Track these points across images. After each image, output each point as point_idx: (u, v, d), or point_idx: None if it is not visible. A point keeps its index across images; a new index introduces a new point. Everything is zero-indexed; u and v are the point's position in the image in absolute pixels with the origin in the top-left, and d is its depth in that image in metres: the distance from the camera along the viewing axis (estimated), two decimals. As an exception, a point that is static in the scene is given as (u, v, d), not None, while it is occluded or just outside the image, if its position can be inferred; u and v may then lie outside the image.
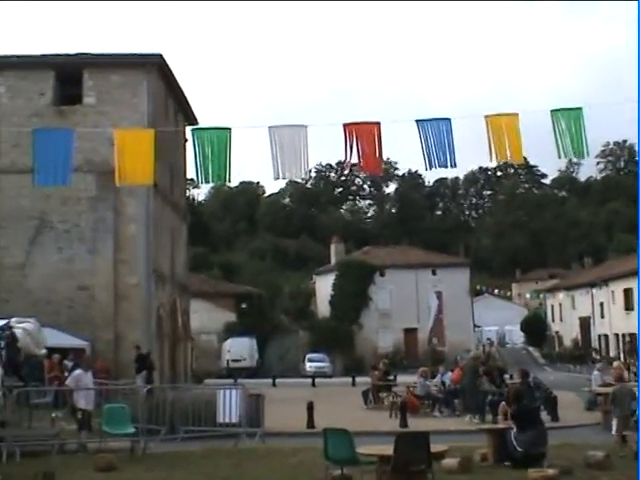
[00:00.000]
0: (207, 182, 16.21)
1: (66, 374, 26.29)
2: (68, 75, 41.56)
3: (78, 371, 22.30)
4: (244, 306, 75.35)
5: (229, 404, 23.46)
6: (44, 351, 22.80)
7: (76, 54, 41.96)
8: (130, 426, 20.18)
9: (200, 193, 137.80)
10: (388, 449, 13.72)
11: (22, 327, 20.41)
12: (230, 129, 15.76)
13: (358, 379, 49.37)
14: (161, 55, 41.62)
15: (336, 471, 14.77)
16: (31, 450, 19.63)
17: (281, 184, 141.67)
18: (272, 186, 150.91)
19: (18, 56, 42.03)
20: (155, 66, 41.79)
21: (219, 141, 15.49)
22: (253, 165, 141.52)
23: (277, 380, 52.77)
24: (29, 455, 19.16)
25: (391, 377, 37.61)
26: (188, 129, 44.12)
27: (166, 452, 20.22)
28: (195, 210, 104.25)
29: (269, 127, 15.78)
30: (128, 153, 15.41)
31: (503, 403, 21.17)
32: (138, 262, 40.04)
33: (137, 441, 20.23)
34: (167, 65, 42.46)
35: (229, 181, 16.21)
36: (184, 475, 16.64)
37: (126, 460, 18.67)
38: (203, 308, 69.27)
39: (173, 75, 44.01)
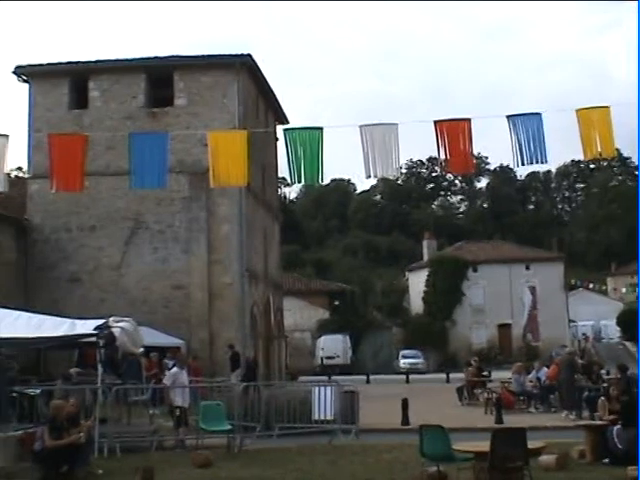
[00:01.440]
0: (300, 182, 16.33)
1: (167, 372, 26.66)
2: (159, 78, 42.16)
3: (175, 369, 22.65)
4: (337, 303, 75.46)
5: (324, 401, 23.54)
6: (141, 350, 23.12)
7: (167, 57, 42.50)
8: (226, 423, 20.38)
9: (292, 191, 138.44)
10: (484, 446, 13.61)
11: (120, 326, 20.72)
12: (322, 129, 15.82)
13: (452, 375, 49.11)
14: (250, 55, 41.90)
15: (432, 468, 14.73)
16: (130, 446, 19.96)
17: (372, 181, 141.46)
18: (363, 183, 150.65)
19: (111, 60, 42.76)
20: (245, 66, 42.09)
21: (311, 141, 15.56)
22: (344, 162, 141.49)
23: (371, 377, 52.76)
24: (128, 451, 19.48)
25: (485, 373, 37.36)
26: (279, 128, 44.43)
27: (261, 449, 20.36)
28: (287, 208, 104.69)
29: (360, 126, 15.80)
30: (222, 155, 15.56)
31: (602, 398, 20.87)
32: (232, 261, 40.41)
33: (233, 438, 20.41)
34: (256, 65, 42.73)
35: (322, 181, 16.26)
36: (280, 472, 16.72)
37: (222, 457, 18.86)
38: (296, 306, 69.57)
39: (262, 75, 44.26)
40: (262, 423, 22.47)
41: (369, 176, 15.80)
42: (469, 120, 15.87)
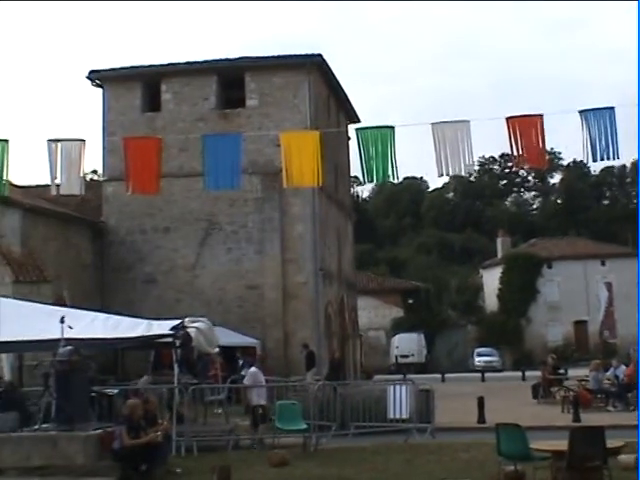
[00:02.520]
0: (372, 181, 16.31)
1: (243, 372, 26.80)
2: (230, 79, 42.47)
3: (254, 369, 22.80)
4: (411, 301, 75.34)
5: (399, 400, 23.49)
6: (217, 350, 23.33)
7: (237, 58, 42.76)
8: (302, 422, 20.45)
9: (364, 190, 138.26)
10: (562, 444, 13.43)
11: (195, 326, 20.92)
12: (393, 127, 15.78)
13: (528, 373, 48.70)
14: (320, 55, 41.98)
15: (509, 467, 14.62)
16: (207, 445, 20.13)
17: (445, 179, 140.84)
18: (436, 181, 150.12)
19: (182, 63, 43.15)
20: (315, 66, 42.20)
21: (383, 140, 15.54)
22: (416, 160, 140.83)
23: (446, 375, 52.58)
24: (205, 450, 19.65)
25: (562, 371, 36.99)
26: (350, 128, 44.48)
27: (337, 448, 20.39)
28: (360, 207, 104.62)
29: (432, 124, 15.72)
30: (295, 155, 15.60)
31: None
32: (305, 261, 40.55)
33: (309, 437, 20.47)
34: (327, 64, 42.80)
35: (395, 179, 16.22)
36: (356, 471, 16.73)
37: (298, 456, 18.92)
38: (370, 305, 69.65)
39: (333, 74, 44.33)
40: (337, 422, 22.51)
41: (442, 174, 15.74)
42: (541, 116, 15.72)
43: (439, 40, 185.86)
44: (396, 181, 19.89)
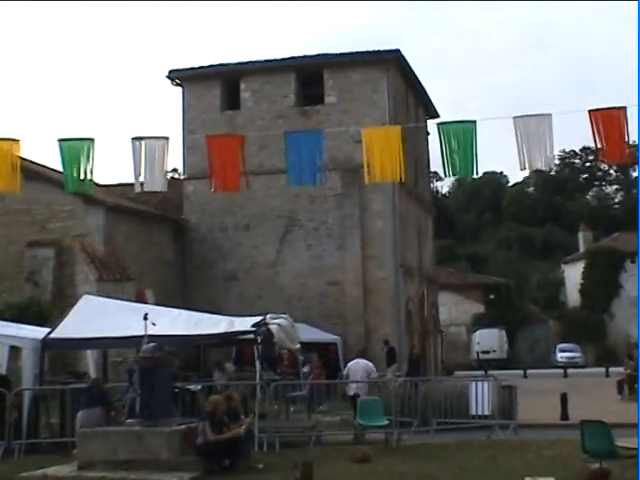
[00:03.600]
0: (454, 175, 16.24)
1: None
2: (309, 76, 42.59)
3: (354, 361, 22.98)
4: (492, 297, 74.81)
5: (481, 396, 23.36)
6: (298, 346, 23.44)
7: (316, 55, 42.88)
8: (383, 418, 20.44)
9: (444, 185, 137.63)
10: (649, 442, 13.28)
11: (277, 323, 21.05)
12: (475, 122, 15.70)
13: (611, 369, 48.06)
14: (399, 50, 41.89)
15: (594, 464, 14.43)
16: (289, 441, 20.23)
17: (525, 173, 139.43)
18: (516, 175, 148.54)
19: (260, 61, 43.38)
20: (393, 61, 42.13)
21: (465, 134, 15.46)
22: (496, 155, 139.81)
23: (528, 371, 52.12)
24: (287, 446, 19.75)
25: (647, 367, 36.44)
26: (432, 123, 44.30)
27: (419, 444, 20.34)
28: (440, 203, 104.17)
29: (514, 117, 15.62)
30: (376, 151, 15.60)
31: None
32: (386, 257, 40.50)
33: (391, 433, 20.46)
34: (405, 60, 42.70)
35: (476, 173, 16.13)
36: (438, 467, 16.67)
37: (380, 452, 18.91)
38: (451, 300, 69.34)
39: (411, 69, 44.21)
40: (419, 418, 22.46)
41: (523, 168, 15.62)
42: (624, 108, 15.51)
43: (518, 33, 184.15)
44: (477, 176, 19.79)
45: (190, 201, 42.58)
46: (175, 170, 70.73)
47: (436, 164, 55.19)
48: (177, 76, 43.79)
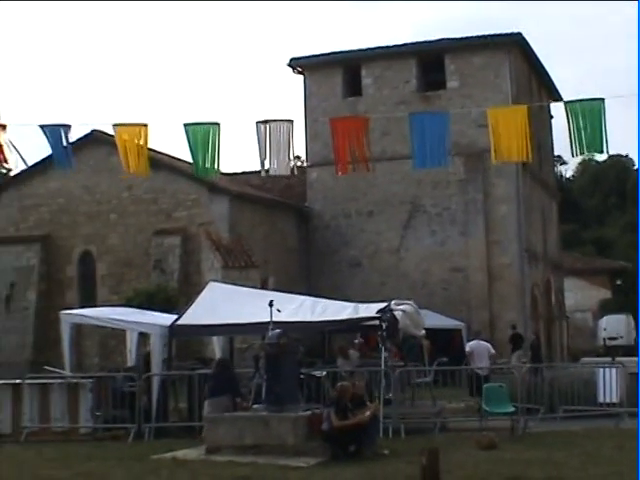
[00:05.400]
0: (582, 154, 15.83)
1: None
2: (430, 61, 42.40)
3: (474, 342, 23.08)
4: (619, 282, 73.31)
5: (609, 383, 22.92)
6: (423, 332, 23.36)
7: (437, 40, 42.62)
8: (509, 405, 20.25)
9: (568, 169, 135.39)
10: None
11: (402, 309, 20.99)
12: (603, 99, 15.36)
13: None
14: (520, 33, 41.38)
15: None
16: (414, 427, 20.20)
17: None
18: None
19: (381, 47, 43.31)
20: (515, 45, 41.69)
21: (592, 112, 15.14)
22: (621, 137, 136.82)
23: (657, 358, 50.99)
24: (412, 432, 19.72)
25: None
26: (555, 106, 43.61)
27: (545, 431, 20.06)
28: (564, 187, 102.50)
29: (640, 97, 15.28)
30: (502, 131, 15.39)
31: None
32: (510, 242, 40.14)
33: (517, 420, 20.26)
34: (527, 42, 42.16)
35: (606, 152, 15.78)
36: (565, 455, 16.41)
37: (506, 439, 18.71)
38: (576, 286, 68.11)
39: (534, 52, 43.60)
40: (545, 405, 22.17)
41: (647, 150, 15.25)
42: None
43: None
44: (605, 156, 19.43)
45: (313, 188, 42.85)
46: (298, 158, 71.21)
47: (559, 148, 54.47)
48: (298, 64, 44.05)
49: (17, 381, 21.35)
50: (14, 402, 20.74)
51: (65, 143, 16.44)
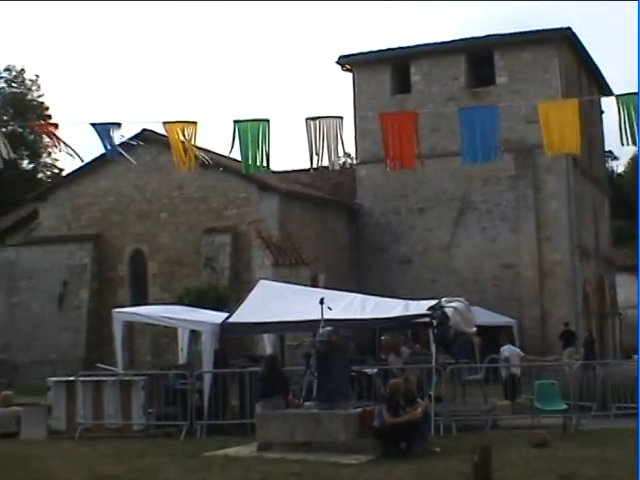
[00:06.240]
0: (634, 143, 15.62)
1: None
2: (479, 57, 42.24)
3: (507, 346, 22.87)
4: (672, 279, 72.59)
5: (662, 380, 22.69)
6: (474, 329, 23.28)
7: (485, 36, 42.42)
8: (561, 402, 20.12)
9: (619, 165, 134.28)
10: None
11: (452, 306, 20.94)
12: (656, 94, 15.16)
13: None
14: (570, 28, 41.05)
15: None
16: (465, 425, 20.15)
17: None
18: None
19: (430, 44, 43.19)
20: (565, 40, 41.40)
21: (644, 105, 14.94)
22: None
23: None
24: (463, 429, 19.68)
25: None
26: (606, 100, 43.28)
27: (598, 429, 19.89)
28: (615, 183, 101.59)
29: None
30: (554, 124, 15.25)
31: None
32: (561, 238, 39.89)
33: (569, 417, 20.13)
34: (577, 37, 41.84)
35: (658, 145, 15.58)
36: (618, 453, 16.27)
37: (558, 436, 18.60)
38: (628, 282, 67.48)
39: (583, 47, 43.25)
40: (598, 402, 22.01)
41: (702, 144, 15.03)
42: None
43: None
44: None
45: (363, 186, 42.83)
46: (348, 155, 71.17)
47: (610, 143, 53.99)
48: (347, 61, 44.07)
49: (71, 379, 21.63)
50: (68, 400, 21.02)
51: (116, 141, 16.51)
